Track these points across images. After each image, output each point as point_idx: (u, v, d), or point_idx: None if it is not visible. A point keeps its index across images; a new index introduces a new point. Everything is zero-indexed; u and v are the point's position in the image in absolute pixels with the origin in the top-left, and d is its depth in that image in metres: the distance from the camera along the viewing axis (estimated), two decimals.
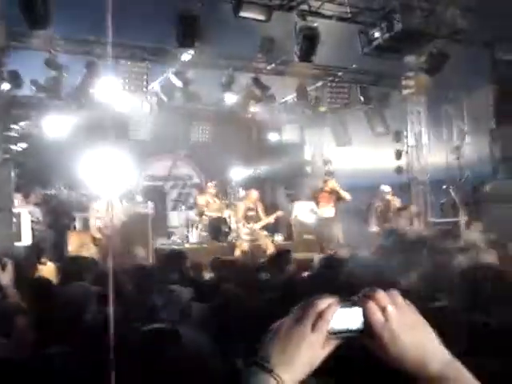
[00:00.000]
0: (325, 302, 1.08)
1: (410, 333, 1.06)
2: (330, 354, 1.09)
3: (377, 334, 1.06)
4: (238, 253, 11.19)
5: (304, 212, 13.32)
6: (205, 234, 12.49)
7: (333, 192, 12.30)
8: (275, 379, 1.03)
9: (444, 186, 12.98)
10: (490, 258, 5.17)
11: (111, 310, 2.45)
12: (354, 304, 1.08)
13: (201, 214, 12.65)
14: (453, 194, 12.60)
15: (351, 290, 1.16)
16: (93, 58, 11.14)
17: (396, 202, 12.73)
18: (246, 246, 11.39)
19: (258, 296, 4.36)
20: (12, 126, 11.87)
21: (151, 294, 4.04)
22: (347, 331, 1.07)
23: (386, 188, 12.92)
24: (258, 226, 11.67)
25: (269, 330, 1.11)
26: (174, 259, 6.29)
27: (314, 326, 1.06)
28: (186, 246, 12.02)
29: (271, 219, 12.05)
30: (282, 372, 1.04)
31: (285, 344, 1.06)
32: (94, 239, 11.00)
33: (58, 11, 8.76)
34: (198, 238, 12.66)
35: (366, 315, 1.06)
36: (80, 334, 3.09)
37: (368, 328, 1.06)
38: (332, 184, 12.43)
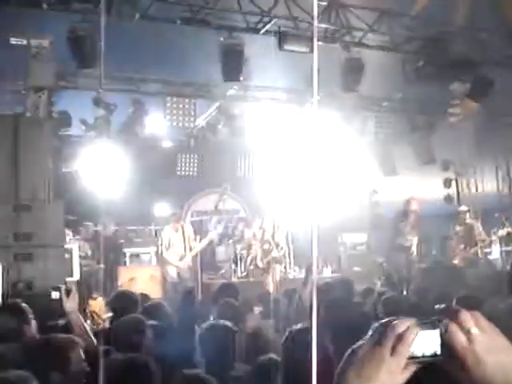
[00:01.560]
0: (404, 324, 1.02)
1: (496, 356, 1.00)
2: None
3: (460, 357, 1.00)
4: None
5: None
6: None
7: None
8: None
9: (496, 214, 12.69)
10: None
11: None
12: (433, 326, 1.03)
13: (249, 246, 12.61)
14: (506, 222, 12.30)
15: None
16: (139, 96, 11.37)
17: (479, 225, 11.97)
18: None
19: None
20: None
21: None
22: (427, 356, 1.02)
23: (463, 208, 12.22)
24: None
25: (347, 354, 1.06)
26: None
27: (393, 350, 1.01)
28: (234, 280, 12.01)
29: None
30: None
31: (363, 368, 1.02)
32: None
33: (106, 50, 8.95)
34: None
35: (448, 337, 1.01)
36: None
37: (450, 351, 1.01)
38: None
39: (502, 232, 12.41)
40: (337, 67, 10.36)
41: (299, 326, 3.12)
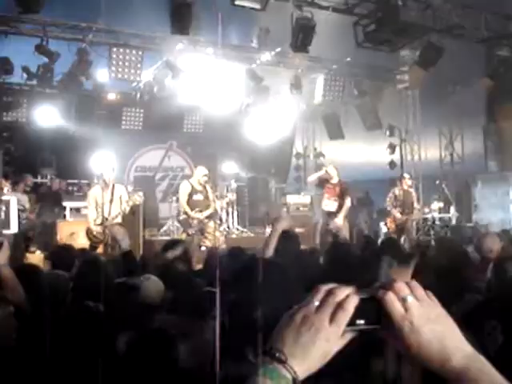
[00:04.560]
0: (344, 292, 1.01)
1: (432, 325, 1.00)
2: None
3: (396, 325, 0.99)
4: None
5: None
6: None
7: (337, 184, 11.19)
8: (288, 371, 0.97)
9: (437, 181, 12.96)
10: None
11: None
12: (371, 295, 1.01)
13: None
14: (445, 189, 12.59)
15: None
16: (85, 45, 11.00)
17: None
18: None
19: None
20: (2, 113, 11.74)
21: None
22: (365, 324, 1.01)
23: (407, 175, 12.33)
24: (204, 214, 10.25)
25: (283, 318, 1.03)
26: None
27: (332, 318, 0.99)
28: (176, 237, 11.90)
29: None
30: (295, 364, 0.98)
31: (300, 335, 1.00)
32: (95, 238, 10.65)
33: None
34: None
35: (384, 306, 1.00)
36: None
37: (387, 320, 1.00)
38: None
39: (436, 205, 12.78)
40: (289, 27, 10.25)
41: None
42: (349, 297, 1.00)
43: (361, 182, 13.91)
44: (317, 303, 1.01)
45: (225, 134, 14.74)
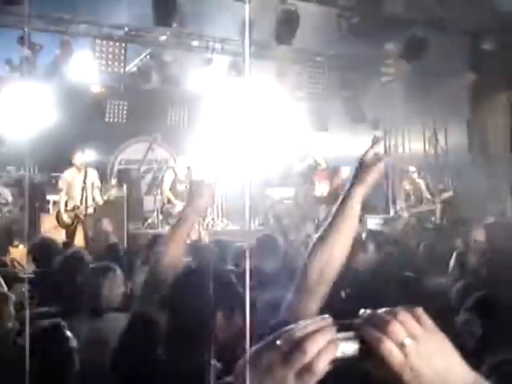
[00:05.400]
0: (320, 340, 0.91)
1: (432, 362, 0.94)
2: None
3: (397, 374, 0.93)
4: None
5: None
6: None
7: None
8: None
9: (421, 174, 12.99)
10: None
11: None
12: (355, 339, 0.93)
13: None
14: (429, 182, 12.64)
15: None
16: (68, 37, 10.91)
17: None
18: None
19: None
20: None
21: None
22: (343, 358, 0.92)
23: (412, 168, 12.60)
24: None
25: (252, 353, 0.95)
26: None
27: (300, 374, 0.90)
28: (161, 230, 11.85)
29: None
30: None
31: (263, 380, 0.92)
32: (62, 222, 10.61)
33: None
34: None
35: (382, 354, 0.92)
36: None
37: (384, 367, 0.93)
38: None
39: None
40: (273, 19, 10.22)
41: None
42: (322, 352, 0.90)
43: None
44: (286, 350, 0.91)
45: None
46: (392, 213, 13.92)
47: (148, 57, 12.23)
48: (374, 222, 12.53)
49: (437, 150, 14.17)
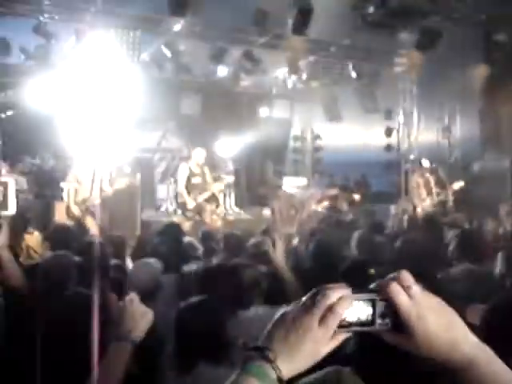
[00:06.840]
0: (338, 293, 1.01)
1: (437, 315, 1.00)
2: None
3: (403, 315, 0.99)
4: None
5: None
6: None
7: None
8: (274, 370, 0.99)
9: (434, 165, 12.97)
10: None
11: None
12: (368, 297, 1.02)
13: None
14: (441, 174, 12.61)
15: None
16: (83, 26, 10.96)
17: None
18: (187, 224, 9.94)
19: None
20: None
21: None
22: (358, 324, 1.02)
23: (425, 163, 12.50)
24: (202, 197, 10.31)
25: (276, 316, 1.05)
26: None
27: (322, 320, 1.00)
28: (174, 218, 11.90)
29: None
30: (282, 363, 1.00)
31: (289, 334, 1.01)
32: (69, 212, 10.58)
33: None
34: None
35: (390, 297, 1.00)
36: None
37: (392, 311, 1.00)
38: None
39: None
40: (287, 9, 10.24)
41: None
42: (341, 299, 1.00)
43: (357, 164, 13.91)
44: (308, 304, 1.01)
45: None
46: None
47: (162, 46, 12.25)
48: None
49: (450, 140, 14.15)
